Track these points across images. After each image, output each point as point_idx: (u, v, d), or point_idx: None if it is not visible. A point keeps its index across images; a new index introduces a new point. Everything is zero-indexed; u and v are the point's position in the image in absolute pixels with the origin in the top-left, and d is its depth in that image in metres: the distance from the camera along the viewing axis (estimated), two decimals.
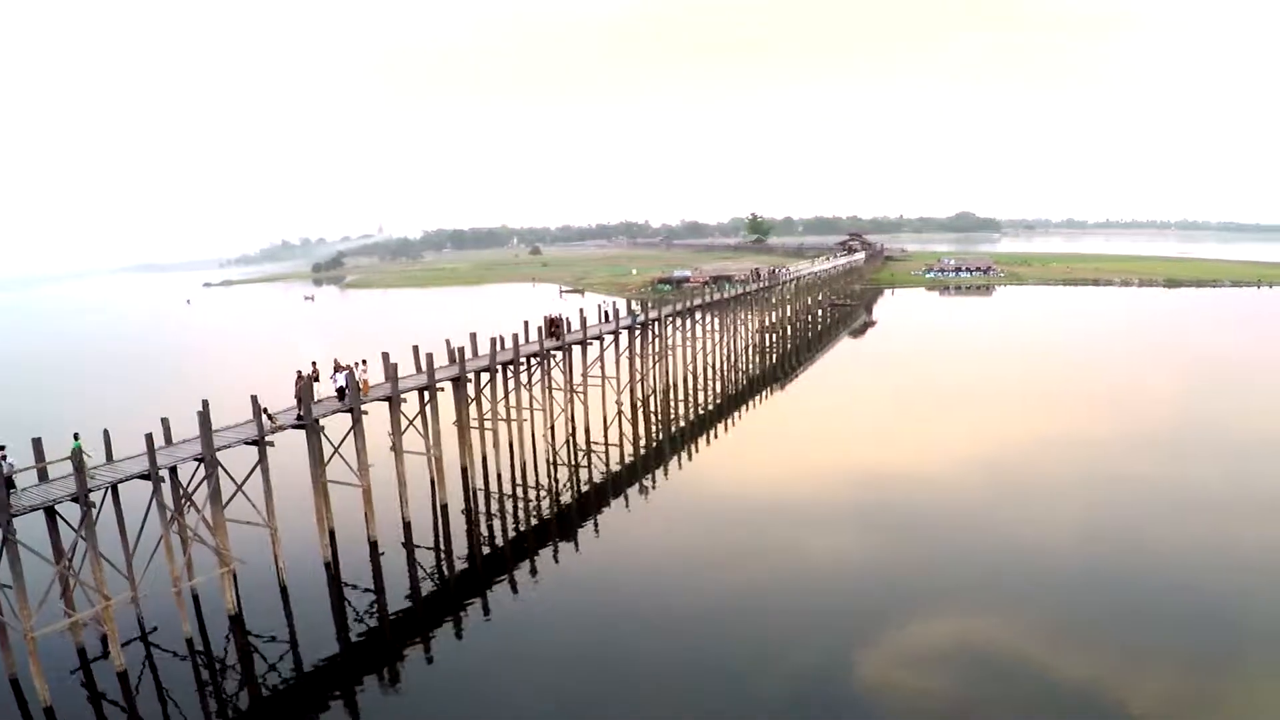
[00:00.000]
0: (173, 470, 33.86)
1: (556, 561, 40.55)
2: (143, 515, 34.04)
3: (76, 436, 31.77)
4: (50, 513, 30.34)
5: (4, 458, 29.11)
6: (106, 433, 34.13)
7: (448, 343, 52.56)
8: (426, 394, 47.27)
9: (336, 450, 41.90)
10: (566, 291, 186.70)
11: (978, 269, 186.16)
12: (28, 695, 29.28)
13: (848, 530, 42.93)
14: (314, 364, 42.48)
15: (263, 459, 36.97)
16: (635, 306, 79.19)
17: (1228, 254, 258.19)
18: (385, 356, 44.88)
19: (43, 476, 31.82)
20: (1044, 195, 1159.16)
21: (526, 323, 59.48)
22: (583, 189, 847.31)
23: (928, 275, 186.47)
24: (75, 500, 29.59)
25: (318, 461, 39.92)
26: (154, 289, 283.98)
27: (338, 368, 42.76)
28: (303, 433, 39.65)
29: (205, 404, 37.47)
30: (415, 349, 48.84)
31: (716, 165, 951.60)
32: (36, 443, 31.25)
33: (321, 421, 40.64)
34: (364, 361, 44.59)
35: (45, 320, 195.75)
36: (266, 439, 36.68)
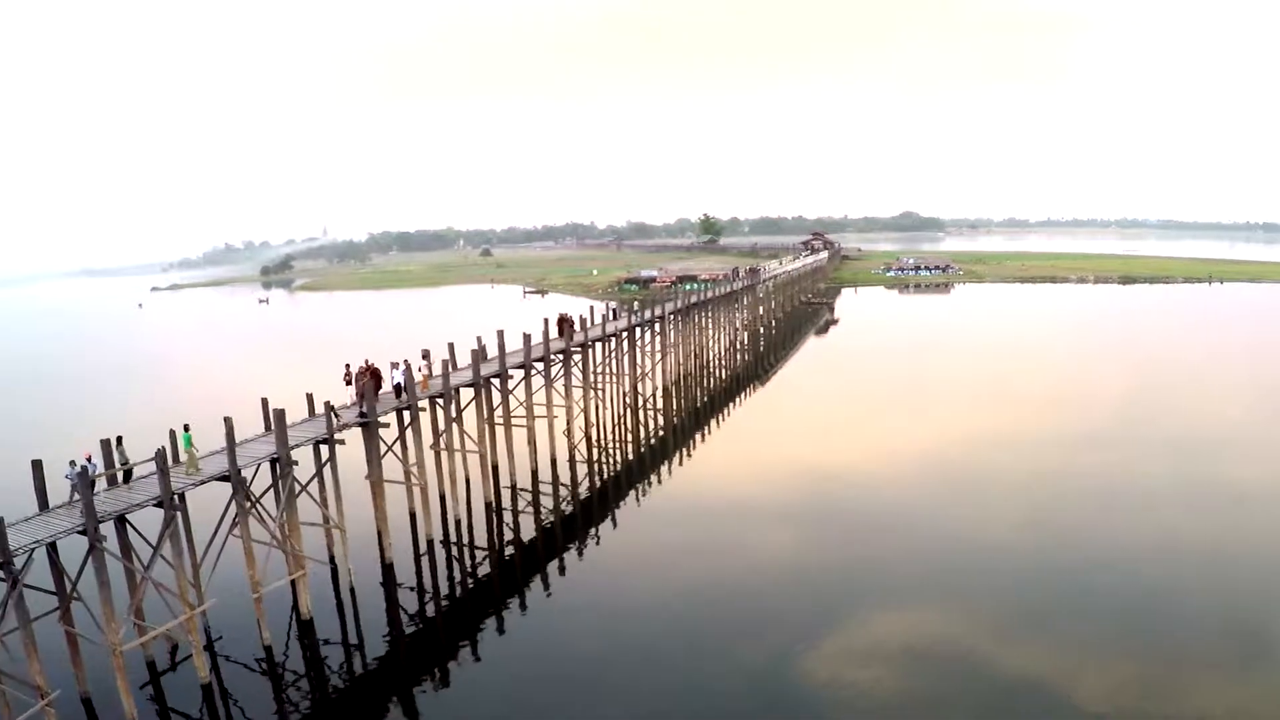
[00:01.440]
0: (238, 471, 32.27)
1: (581, 557, 40.19)
2: (211, 519, 32.41)
3: (187, 428, 30.19)
4: (120, 520, 28.63)
5: (89, 459, 27.37)
6: (173, 433, 32.35)
7: (479, 339, 51.31)
8: (462, 393, 46.07)
9: (390, 448, 40.48)
10: (530, 292, 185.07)
11: (936, 267, 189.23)
12: (102, 714, 27.54)
13: (803, 526, 42.72)
14: (346, 365, 41.08)
15: (332, 458, 35.57)
16: (633, 305, 78.31)
17: (1168, 251, 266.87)
18: (426, 354, 43.83)
19: (111, 482, 30.08)
20: (986, 195, 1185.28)
21: (546, 320, 58.56)
22: (528, 190, 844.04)
23: (888, 274, 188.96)
24: (159, 504, 27.96)
25: (376, 460, 38.48)
26: (100, 294, 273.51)
27: (394, 364, 41.45)
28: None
29: (264, 401, 36.10)
30: (451, 346, 47.50)
31: (661, 166, 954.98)
32: (105, 444, 29.52)
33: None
34: (425, 357, 43.36)
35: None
36: (336, 437, 35.29)
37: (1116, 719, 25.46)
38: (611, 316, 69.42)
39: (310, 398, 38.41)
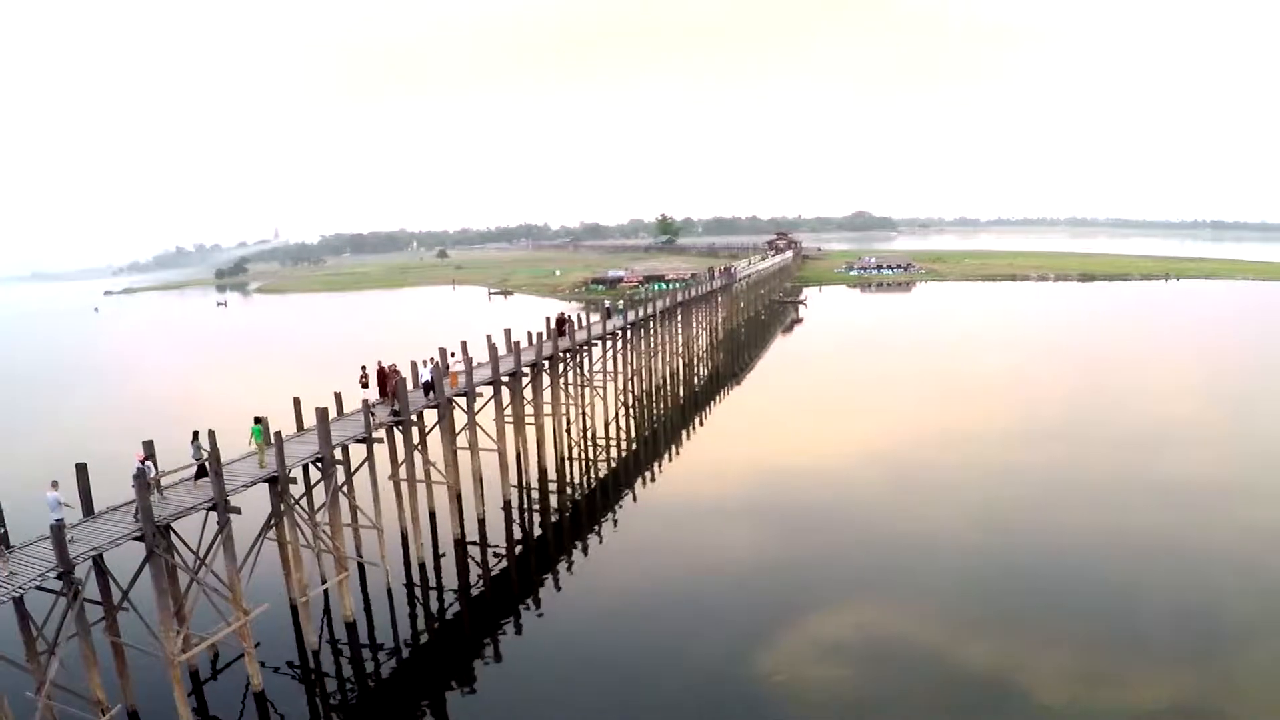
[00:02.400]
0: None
1: (586, 554, 39.74)
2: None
3: (258, 421, 29.08)
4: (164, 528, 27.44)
5: (142, 461, 26.16)
6: (212, 433, 31.14)
7: (489, 338, 50.52)
8: (483, 390, 45.25)
9: (416, 447, 39.53)
10: (494, 293, 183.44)
11: (898, 266, 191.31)
12: None
13: (768, 525, 42.34)
14: (363, 367, 40.04)
15: (370, 456, 34.64)
16: (618, 304, 77.86)
17: (1118, 248, 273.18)
18: (443, 351, 42.98)
19: (201, 472, 28.85)
20: (937, 194, 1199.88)
21: (549, 318, 58.17)
22: (481, 192, 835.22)
23: (850, 273, 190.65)
24: (213, 507, 26.87)
25: (410, 458, 37.58)
26: (52, 298, 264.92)
27: (424, 362, 40.59)
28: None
29: (297, 401, 35.10)
30: (464, 344, 46.67)
31: (614, 168, 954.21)
32: (204, 436, 28.45)
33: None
34: (453, 354, 42.50)
35: None
36: (374, 435, 34.38)
37: (1069, 710, 25.57)
38: (605, 315, 69.04)
39: (339, 397, 37.45)
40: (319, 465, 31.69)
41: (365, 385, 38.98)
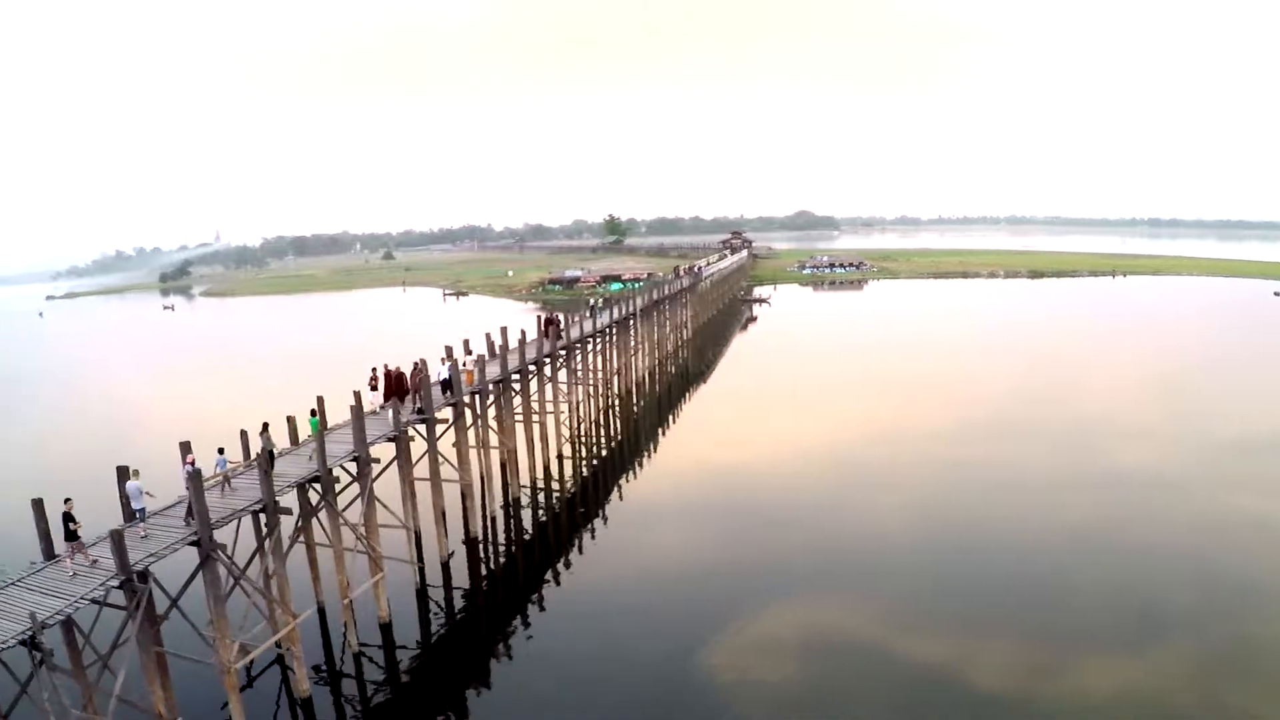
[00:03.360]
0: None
1: (582, 552, 39.37)
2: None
3: (314, 413, 28.06)
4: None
5: (191, 462, 25.10)
6: (244, 433, 30.09)
7: (487, 337, 49.81)
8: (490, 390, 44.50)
9: (432, 446, 38.66)
10: (449, 295, 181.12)
11: (851, 265, 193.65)
12: None
13: (713, 524, 42.24)
14: (373, 369, 38.94)
15: (400, 455, 33.79)
16: (597, 304, 77.22)
17: (1057, 245, 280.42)
18: (449, 350, 42.22)
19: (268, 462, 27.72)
20: (879, 193, 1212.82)
21: (540, 318, 57.51)
22: (424, 193, 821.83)
23: (803, 271, 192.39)
24: (261, 509, 25.90)
25: (434, 456, 36.75)
26: None
27: (441, 359, 39.73)
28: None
29: (320, 400, 34.05)
30: (465, 342, 45.86)
31: (556, 169, 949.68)
32: (183, 446, 27.15)
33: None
34: (469, 352, 41.71)
35: None
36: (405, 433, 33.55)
37: (1014, 701, 25.80)
38: (588, 315, 68.32)
39: (358, 396, 36.37)
40: (355, 464, 30.80)
41: (375, 388, 37.83)
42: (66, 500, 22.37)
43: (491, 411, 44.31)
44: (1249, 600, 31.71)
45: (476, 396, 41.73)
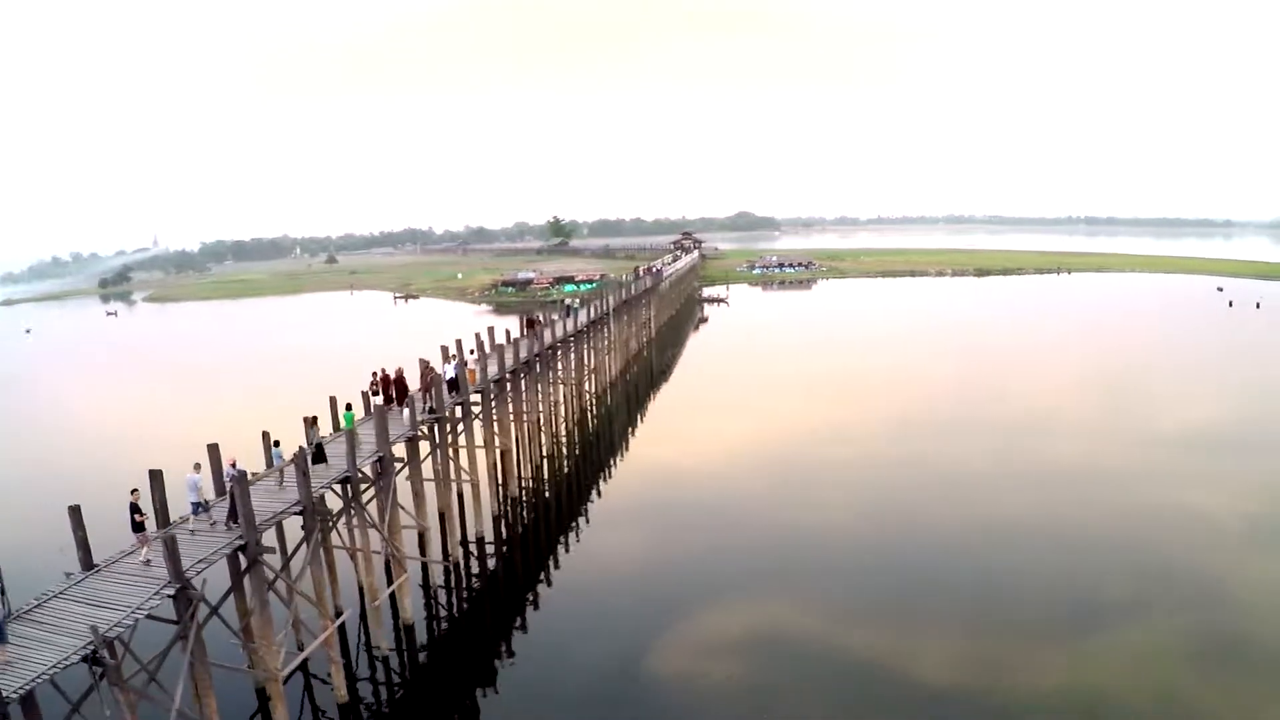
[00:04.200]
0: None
1: (568, 551, 39.56)
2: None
3: (349, 407, 27.16)
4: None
5: (234, 464, 24.19)
6: (266, 435, 29.12)
7: (477, 337, 49.13)
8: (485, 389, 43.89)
9: (436, 447, 37.91)
10: (399, 298, 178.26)
11: (800, 264, 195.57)
12: None
13: (661, 524, 42.46)
14: (374, 373, 38.02)
15: (415, 456, 33.04)
16: (577, 304, 76.82)
17: (996, 244, 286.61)
18: (444, 350, 41.53)
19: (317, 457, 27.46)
20: (818, 194, 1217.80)
21: (522, 318, 57.30)
22: (363, 196, 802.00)
23: (753, 271, 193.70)
24: (300, 511, 25.05)
25: (445, 455, 36.08)
26: None
27: (447, 358, 39.00)
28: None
29: (333, 400, 33.24)
30: (458, 342, 45.10)
31: (497, 171, 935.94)
32: (212, 449, 26.20)
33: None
34: (472, 351, 41.00)
35: None
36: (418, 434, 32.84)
37: (959, 693, 25.96)
38: (565, 314, 67.82)
39: (365, 397, 35.65)
40: (379, 465, 30.05)
41: (377, 392, 36.80)
42: (133, 491, 21.91)
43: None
44: (1185, 590, 32.32)
45: (478, 395, 41.08)
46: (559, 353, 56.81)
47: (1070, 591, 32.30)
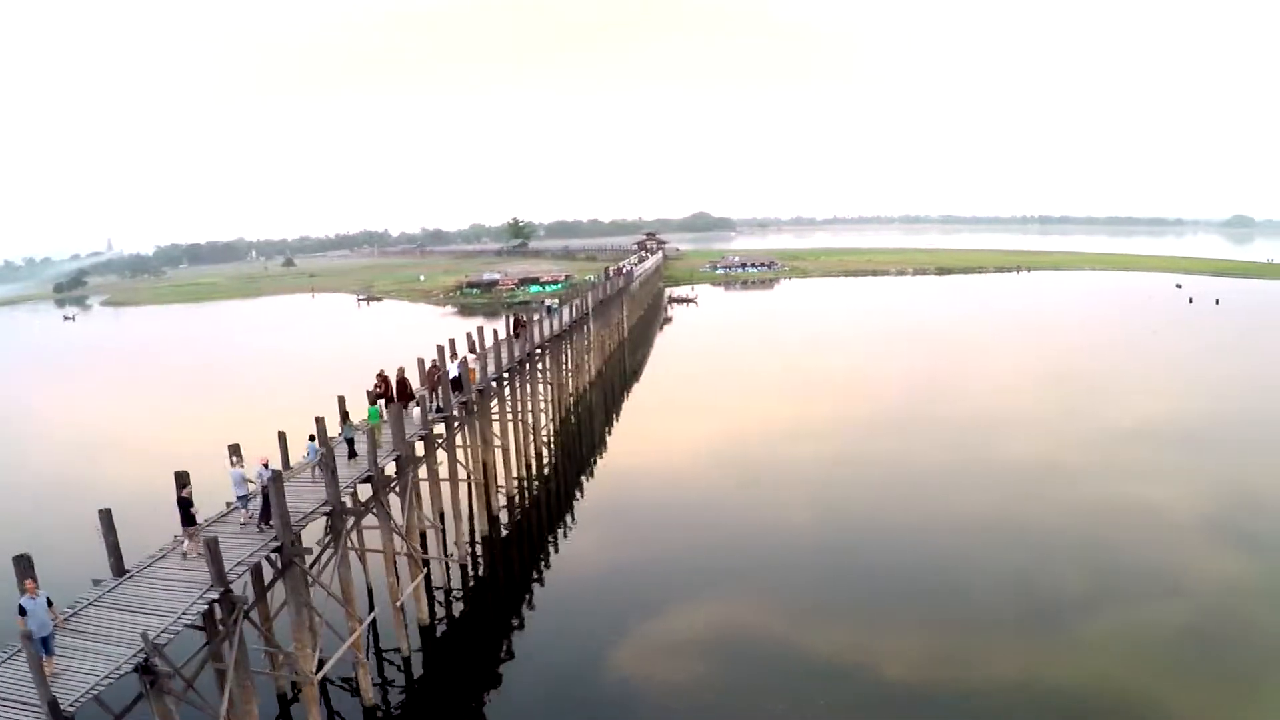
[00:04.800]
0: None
1: (558, 550, 39.18)
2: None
3: (374, 401, 26.56)
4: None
5: (265, 464, 23.52)
6: (283, 435, 28.43)
7: (468, 336, 48.61)
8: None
9: (451, 444, 37.39)
10: (363, 300, 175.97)
11: (762, 264, 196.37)
12: None
13: (622, 525, 42.46)
14: (378, 374, 37.50)
15: (430, 452, 32.59)
16: (557, 304, 76.36)
17: (950, 243, 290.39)
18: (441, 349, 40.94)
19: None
20: (774, 194, 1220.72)
21: (508, 318, 56.57)
22: (318, 199, 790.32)
23: (716, 271, 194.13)
24: (330, 511, 24.47)
25: (453, 454, 35.60)
26: None
27: (450, 358, 38.46)
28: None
29: (341, 400, 32.61)
30: (451, 342, 44.44)
31: (453, 173, 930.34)
32: (233, 449, 25.47)
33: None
34: (473, 350, 40.51)
35: None
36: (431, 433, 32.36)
37: (920, 689, 26.00)
38: (546, 314, 67.38)
39: (371, 396, 34.99)
40: (396, 464, 29.53)
41: (381, 395, 36.07)
42: (183, 485, 21.60)
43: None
44: (1140, 583, 32.65)
45: (479, 394, 40.62)
46: (547, 352, 56.30)
47: (1029, 587, 32.46)
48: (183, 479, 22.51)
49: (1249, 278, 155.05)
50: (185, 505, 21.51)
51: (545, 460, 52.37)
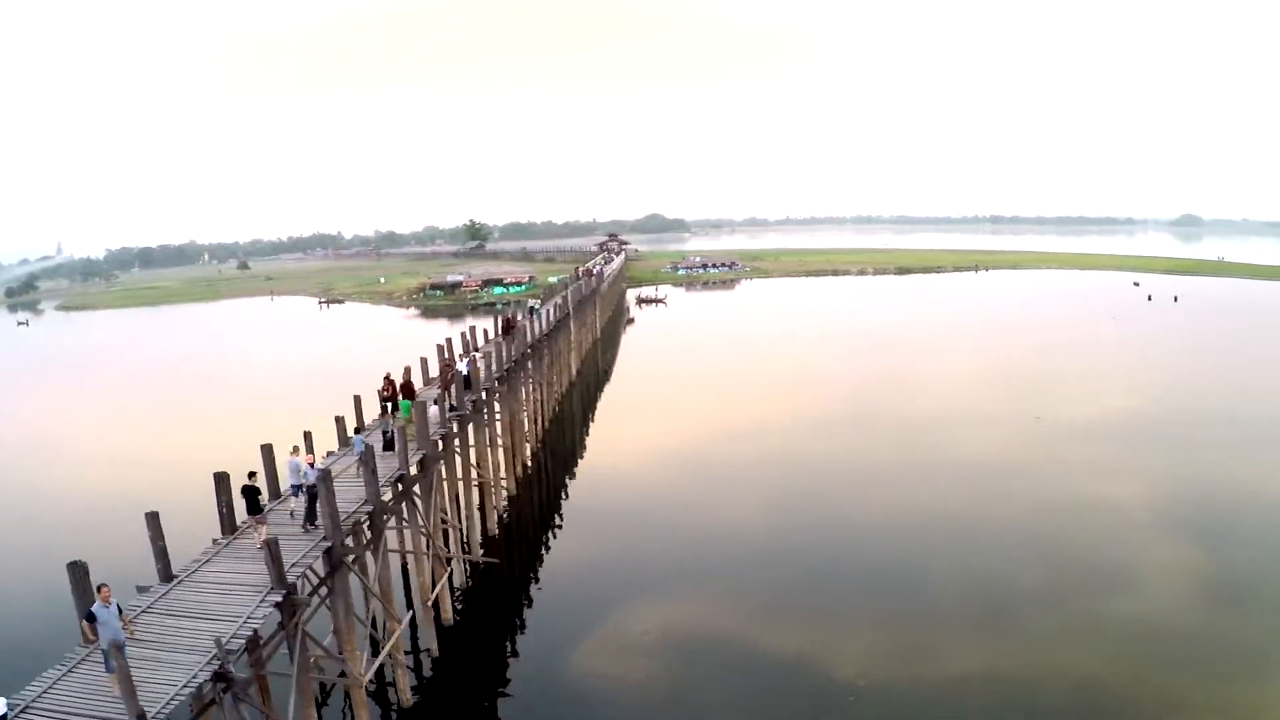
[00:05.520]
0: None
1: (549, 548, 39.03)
2: None
3: (407, 396, 25.86)
4: None
5: (312, 464, 22.85)
6: (308, 435, 27.66)
7: (462, 337, 48.11)
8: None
9: (464, 443, 36.87)
10: (324, 303, 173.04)
11: (724, 265, 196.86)
12: None
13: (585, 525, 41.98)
14: (385, 377, 36.79)
15: (448, 449, 32.02)
16: (535, 303, 75.73)
17: (903, 243, 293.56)
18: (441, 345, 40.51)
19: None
20: (727, 195, 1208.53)
21: (497, 318, 56.37)
22: (269, 201, 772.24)
23: (678, 272, 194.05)
24: (370, 512, 23.89)
25: (466, 452, 35.09)
26: None
27: (460, 357, 37.90)
28: None
29: (357, 399, 31.98)
30: (449, 342, 44.01)
31: (406, 175, 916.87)
32: (265, 449, 24.78)
33: None
34: (477, 349, 39.97)
35: None
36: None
37: (874, 685, 25.92)
38: (529, 315, 66.76)
39: (380, 399, 34.35)
40: (420, 463, 29.00)
41: (388, 396, 35.26)
42: (251, 474, 21.41)
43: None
44: (1091, 576, 32.85)
45: (485, 392, 40.12)
46: (537, 351, 55.80)
47: (980, 582, 32.54)
48: (227, 477, 21.87)
49: (1202, 275, 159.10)
50: (253, 494, 20.94)
51: (539, 459, 51.91)
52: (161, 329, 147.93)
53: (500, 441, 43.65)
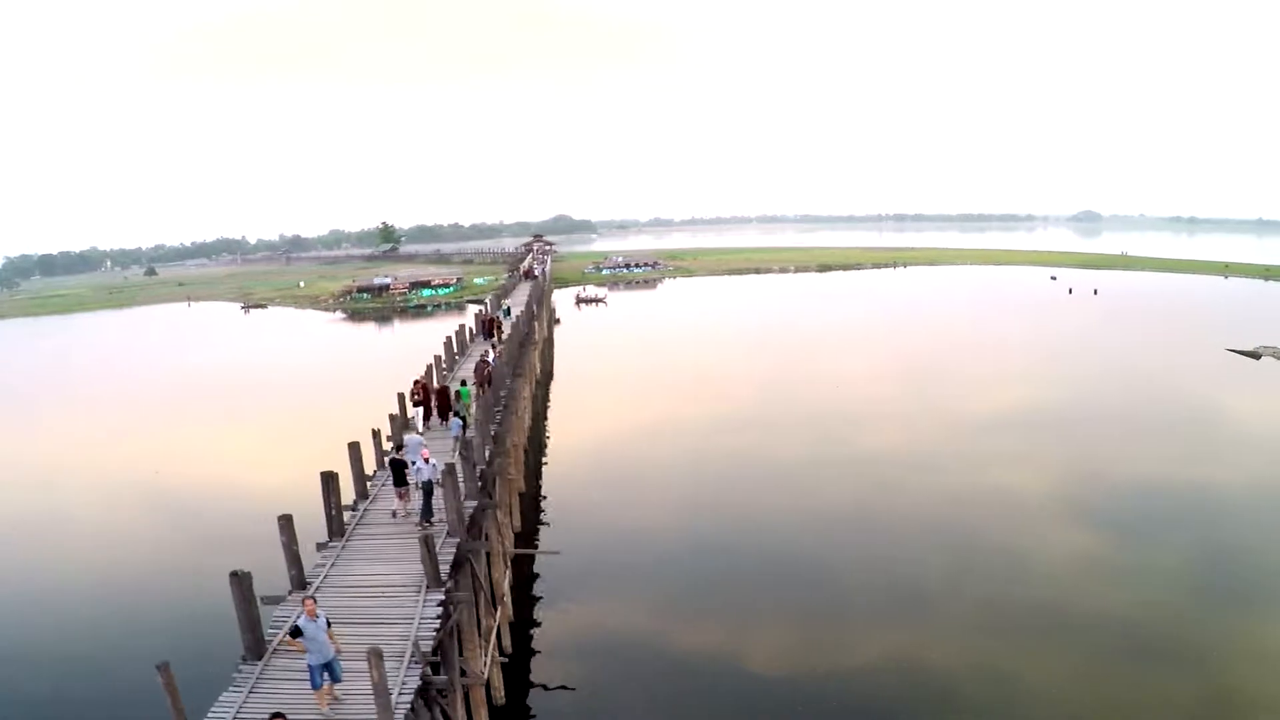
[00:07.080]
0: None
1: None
2: None
3: (464, 383, 25.04)
4: None
5: (427, 459, 21.94)
6: (376, 432, 26.60)
7: (454, 338, 47.11)
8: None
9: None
10: (247, 308, 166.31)
11: (647, 264, 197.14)
12: None
13: None
14: (415, 382, 35.57)
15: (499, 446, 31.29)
16: (508, 304, 74.79)
17: (808, 241, 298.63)
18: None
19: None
20: (631, 196, 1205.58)
21: (477, 318, 55.91)
22: (169, 206, 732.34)
23: (601, 272, 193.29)
24: (478, 507, 23.17)
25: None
26: None
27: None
28: None
29: (400, 397, 31.00)
30: (449, 339, 43.33)
31: (308, 177, 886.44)
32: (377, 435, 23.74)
33: None
34: (494, 346, 39.29)
35: None
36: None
37: (789, 678, 25.96)
38: (505, 314, 65.70)
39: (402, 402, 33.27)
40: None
41: (417, 402, 34.06)
42: (399, 448, 21.74)
43: None
44: (998, 563, 33.65)
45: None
46: (524, 350, 55.18)
47: (891, 572, 32.93)
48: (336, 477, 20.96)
49: (1112, 269, 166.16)
50: (399, 466, 20.28)
51: (532, 457, 51.15)
52: (94, 337, 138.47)
53: (513, 440, 42.87)
